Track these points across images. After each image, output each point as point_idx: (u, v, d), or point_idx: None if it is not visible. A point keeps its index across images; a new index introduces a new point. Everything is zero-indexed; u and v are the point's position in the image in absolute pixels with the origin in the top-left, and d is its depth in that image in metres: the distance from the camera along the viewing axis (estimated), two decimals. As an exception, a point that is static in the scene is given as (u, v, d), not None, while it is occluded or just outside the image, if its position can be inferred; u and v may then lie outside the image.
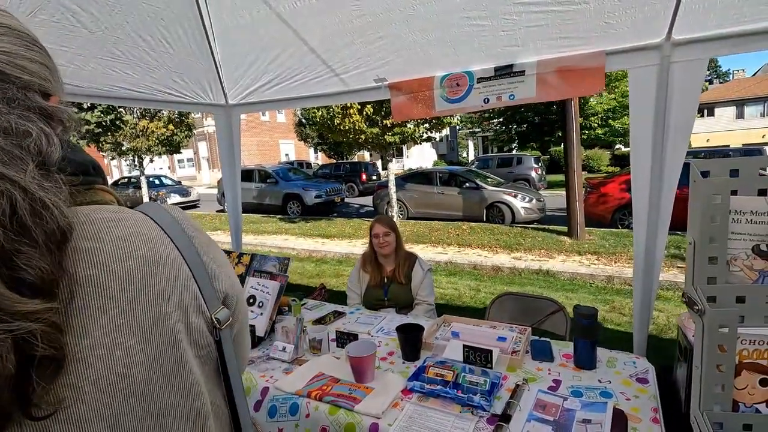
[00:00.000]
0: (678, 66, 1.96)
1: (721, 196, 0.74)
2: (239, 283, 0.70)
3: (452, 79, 2.49)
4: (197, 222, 0.64)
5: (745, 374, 0.77)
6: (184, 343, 0.52)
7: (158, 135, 12.70)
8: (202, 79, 2.96)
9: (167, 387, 0.50)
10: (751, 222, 0.77)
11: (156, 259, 0.51)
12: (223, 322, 0.57)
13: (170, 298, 0.51)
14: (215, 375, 0.59)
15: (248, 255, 2.07)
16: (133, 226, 0.52)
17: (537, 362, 1.59)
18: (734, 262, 0.80)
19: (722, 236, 0.76)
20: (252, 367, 1.64)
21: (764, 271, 0.79)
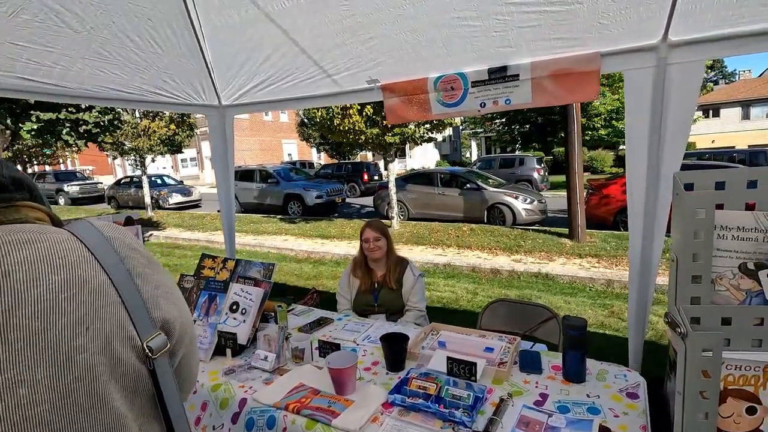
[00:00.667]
0: (675, 68, 1.90)
1: (705, 210, 0.69)
2: (185, 306, 0.65)
3: (446, 81, 2.44)
4: (137, 241, 0.59)
5: (731, 401, 0.72)
6: (104, 377, 0.48)
7: (160, 135, 12.73)
8: (194, 80, 2.92)
9: (82, 425, 0.46)
10: (737, 238, 0.72)
11: (74, 283, 0.47)
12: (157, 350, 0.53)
13: (90, 327, 0.47)
14: (150, 407, 0.55)
15: (233, 260, 2.03)
16: (49, 248, 0.47)
17: (525, 374, 1.54)
18: (720, 281, 0.74)
19: (707, 253, 0.71)
20: (232, 377, 1.60)
21: (751, 291, 0.73)
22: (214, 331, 1.77)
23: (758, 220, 0.70)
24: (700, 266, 0.72)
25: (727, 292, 0.75)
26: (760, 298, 0.73)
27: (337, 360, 1.45)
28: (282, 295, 3.97)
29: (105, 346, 0.48)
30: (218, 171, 3.54)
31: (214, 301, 1.86)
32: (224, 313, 1.82)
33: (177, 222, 11.63)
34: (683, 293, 0.73)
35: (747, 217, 0.71)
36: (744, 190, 0.72)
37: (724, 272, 0.74)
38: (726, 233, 0.72)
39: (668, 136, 1.97)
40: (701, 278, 0.73)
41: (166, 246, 8.91)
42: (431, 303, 4.63)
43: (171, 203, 15.31)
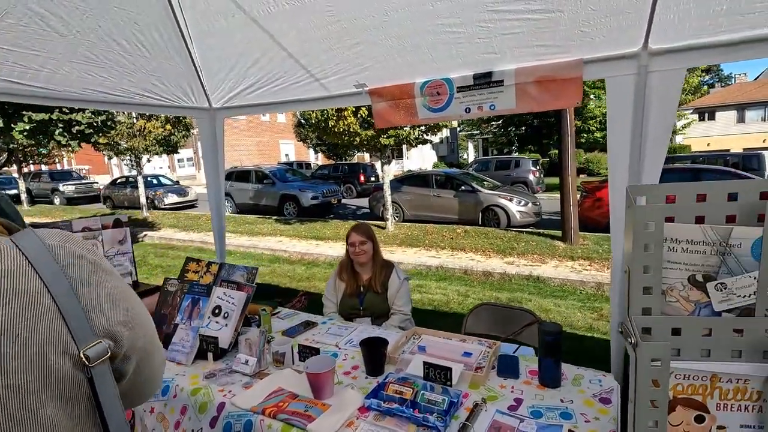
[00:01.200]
0: (655, 75, 1.93)
1: (655, 222, 0.71)
2: (141, 311, 0.66)
3: (432, 86, 2.46)
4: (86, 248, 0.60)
5: (680, 410, 0.74)
6: (35, 385, 0.48)
7: (155, 135, 12.71)
8: (183, 83, 2.93)
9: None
10: (686, 251, 0.74)
11: (3, 293, 0.48)
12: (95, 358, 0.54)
13: (19, 335, 0.48)
14: (88, 414, 0.55)
15: (217, 264, 2.04)
16: None
17: (502, 379, 1.55)
18: (670, 292, 0.76)
19: (657, 265, 0.72)
20: (212, 381, 1.61)
21: (700, 302, 0.75)
22: (196, 334, 1.78)
23: (705, 233, 0.72)
24: (650, 278, 0.74)
25: (677, 303, 0.76)
26: (708, 309, 0.75)
27: (315, 364, 1.46)
28: (272, 297, 3.98)
29: (36, 355, 0.49)
30: (209, 173, 3.54)
31: (197, 305, 1.87)
32: (207, 317, 1.83)
33: (172, 222, 11.61)
34: (635, 304, 0.74)
35: (695, 230, 0.72)
36: (693, 203, 0.74)
37: (674, 284, 0.76)
38: (676, 246, 0.74)
39: (649, 143, 2.00)
40: (652, 290, 0.74)
41: (160, 247, 8.90)
42: (422, 306, 4.65)
43: (167, 203, 15.28)
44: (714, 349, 0.73)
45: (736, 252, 0.71)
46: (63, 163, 29.83)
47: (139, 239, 9.71)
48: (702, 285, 0.74)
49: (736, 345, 0.72)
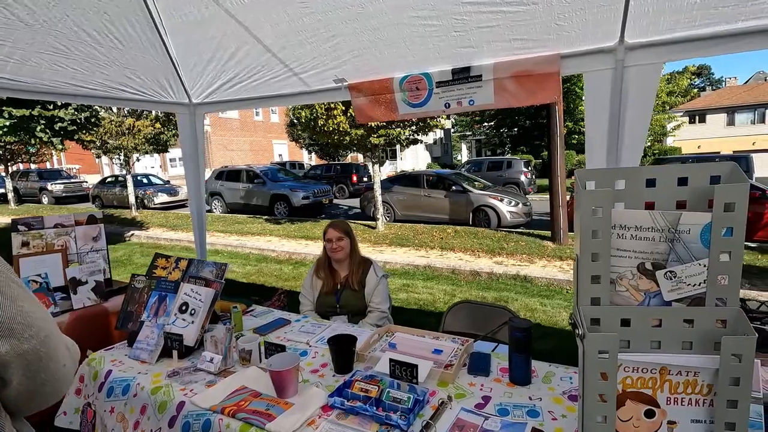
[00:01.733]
0: (632, 70, 1.91)
1: (602, 208, 0.68)
2: (26, 319, 0.63)
3: (411, 81, 2.43)
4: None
5: (630, 404, 0.70)
6: None
7: (145, 133, 12.59)
8: (160, 77, 2.88)
9: None
10: (635, 238, 0.70)
11: None
12: None
13: None
14: None
15: (185, 260, 1.98)
16: None
17: (472, 376, 1.52)
18: (620, 281, 0.73)
19: (605, 253, 0.69)
20: (175, 380, 1.56)
21: (650, 291, 0.72)
22: (161, 332, 1.73)
23: (654, 219, 0.69)
24: (599, 266, 0.70)
25: (627, 292, 0.73)
26: (658, 299, 0.72)
27: (278, 362, 1.42)
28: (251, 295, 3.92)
29: None
30: (188, 170, 3.48)
31: (164, 302, 1.82)
32: (173, 314, 1.78)
33: (161, 222, 11.49)
34: (584, 294, 0.71)
35: (644, 216, 0.69)
36: (643, 188, 0.70)
37: (623, 272, 0.72)
38: (625, 233, 0.70)
39: (626, 138, 1.98)
40: (600, 278, 0.71)
41: (146, 246, 8.79)
42: (407, 305, 4.61)
43: (156, 203, 15.13)
44: (664, 340, 0.70)
45: (685, 239, 0.68)
46: (53, 162, 29.48)
47: (126, 238, 9.59)
48: (651, 273, 0.71)
49: (687, 336, 0.68)
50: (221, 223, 11.00)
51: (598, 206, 0.68)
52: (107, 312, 2.37)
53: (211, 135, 28.25)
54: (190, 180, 3.52)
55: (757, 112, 29.13)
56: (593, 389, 0.67)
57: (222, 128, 29.00)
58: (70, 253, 2.62)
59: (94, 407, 1.68)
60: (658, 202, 0.70)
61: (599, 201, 0.68)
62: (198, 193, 3.55)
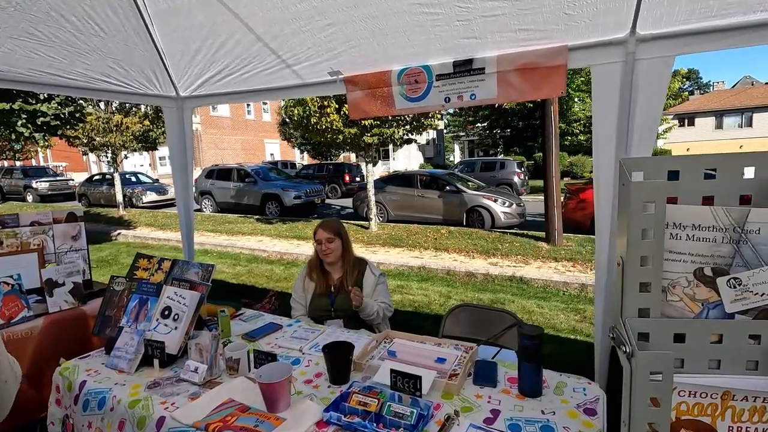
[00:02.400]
0: (643, 63, 1.82)
1: (655, 204, 0.57)
2: None
3: (410, 74, 2.32)
4: None
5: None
6: None
7: (133, 131, 12.32)
8: (146, 68, 2.74)
9: None
10: (692, 239, 0.60)
11: None
12: None
13: None
14: None
15: (169, 261, 1.85)
16: None
17: (478, 387, 1.41)
18: (672, 289, 0.63)
19: (657, 256, 0.59)
20: (155, 392, 1.43)
21: (708, 302, 0.62)
22: (141, 338, 1.59)
23: (716, 216, 0.59)
24: (649, 271, 0.60)
25: (680, 302, 0.63)
26: (718, 310, 0.62)
27: (269, 373, 1.30)
28: (241, 297, 3.78)
29: None
30: (175, 168, 3.34)
31: (144, 306, 1.69)
32: (155, 319, 1.65)
33: (149, 221, 11.25)
34: (630, 304, 0.60)
35: (703, 213, 0.59)
36: (701, 180, 0.60)
37: (677, 279, 0.62)
38: (680, 232, 0.60)
39: (635, 135, 1.89)
40: (650, 286, 0.60)
41: (133, 246, 8.57)
42: (402, 307, 4.50)
43: (145, 202, 14.84)
44: (725, 359, 0.60)
45: (754, 240, 0.58)
46: (38, 160, 28.90)
47: (112, 238, 9.35)
48: (711, 280, 0.61)
49: (753, 354, 0.59)
50: (211, 222, 10.80)
51: (650, 200, 0.58)
52: (86, 316, 2.22)
53: (202, 133, 27.90)
54: (177, 178, 3.38)
55: (744, 115, 29.56)
56: (642, 417, 0.56)
57: (213, 127, 28.64)
58: (47, 253, 2.47)
59: (72, 420, 1.55)
60: (718, 197, 0.60)
61: (651, 194, 0.57)
62: (186, 191, 3.41)
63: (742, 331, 0.59)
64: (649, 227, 0.59)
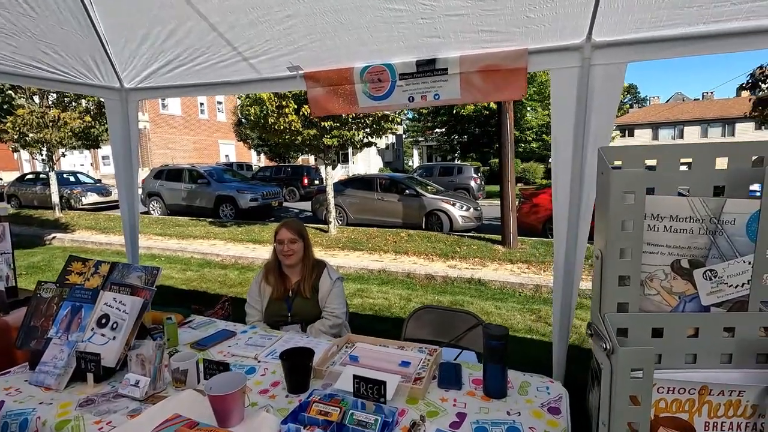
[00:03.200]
0: (598, 69, 1.88)
1: (635, 194, 0.56)
2: None
3: (373, 72, 2.28)
4: None
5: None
6: None
7: (72, 127, 11.43)
8: (84, 55, 2.51)
9: None
10: (670, 230, 0.60)
11: None
12: None
13: None
14: None
15: (107, 264, 1.68)
16: None
17: (443, 391, 1.37)
18: (650, 283, 0.62)
19: (636, 248, 0.57)
20: (88, 410, 1.28)
21: (685, 294, 0.61)
22: (72, 351, 1.42)
23: (694, 207, 0.58)
24: (628, 264, 0.58)
25: (657, 296, 0.62)
26: (694, 303, 0.61)
27: (220, 384, 1.19)
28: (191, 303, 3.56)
29: None
30: (119, 166, 3.09)
31: (78, 314, 1.52)
32: (89, 329, 1.48)
33: (90, 224, 10.46)
34: (609, 298, 0.58)
35: (681, 204, 0.58)
36: (677, 171, 0.59)
37: (654, 272, 0.61)
38: (657, 224, 0.59)
39: (591, 139, 1.95)
40: (629, 279, 0.59)
41: (70, 250, 7.91)
42: (362, 310, 4.43)
43: (85, 203, 13.80)
44: (701, 353, 0.59)
45: (729, 230, 0.58)
46: (-39, 157, 26.24)
47: (46, 242, 8.59)
48: (688, 273, 0.60)
49: (727, 347, 0.58)
50: (159, 225, 10.21)
51: (630, 191, 0.56)
52: (8, 327, 1.98)
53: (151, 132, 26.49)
54: (120, 177, 3.13)
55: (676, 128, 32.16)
56: (622, 417, 0.54)
57: (163, 125, 27.27)
58: (-38, 258, 2.19)
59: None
60: (693, 188, 0.60)
61: (632, 184, 0.55)
62: (130, 191, 3.17)
63: (718, 324, 0.59)
64: (628, 218, 0.57)
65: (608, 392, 0.55)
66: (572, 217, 2.01)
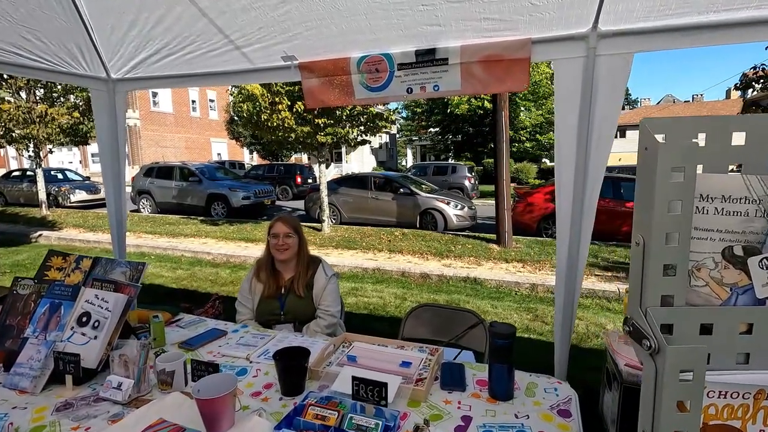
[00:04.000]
0: (604, 59, 1.82)
1: (684, 171, 0.49)
2: None
3: (370, 62, 2.20)
4: None
5: (711, 443, 0.53)
6: None
7: (60, 123, 11.19)
8: (69, 42, 2.40)
9: None
10: (721, 212, 0.53)
11: None
12: None
13: None
14: None
15: (89, 259, 1.58)
16: None
17: (447, 392, 1.30)
18: (697, 273, 0.55)
19: (685, 233, 0.50)
20: (66, 415, 1.19)
21: (737, 286, 0.55)
22: (49, 351, 1.33)
23: (750, 186, 0.52)
24: (675, 251, 0.51)
25: (706, 287, 0.55)
26: (748, 296, 0.55)
27: (209, 387, 1.10)
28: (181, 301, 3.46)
29: None
30: (105, 160, 2.97)
31: (57, 312, 1.42)
32: (69, 328, 1.39)
33: (77, 222, 10.25)
34: (652, 290, 0.51)
35: (735, 183, 0.52)
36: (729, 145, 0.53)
37: (703, 261, 0.55)
38: (707, 205, 0.53)
39: (595, 133, 1.89)
40: (676, 268, 0.52)
41: (57, 248, 7.72)
42: (357, 309, 4.35)
43: (73, 201, 13.54)
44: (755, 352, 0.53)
45: (791, 213, 0.52)
46: (-54, 154, 25.74)
47: (32, 240, 8.39)
48: (741, 261, 0.54)
49: (784, 346, 0.52)
50: (150, 223, 10.03)
51: (678, 167, 0.49)
52: (-16, 326, 1.87)
53: (141, 129, 26.14)
54: (107, 172, 3.02)
55: (667, 130, 32.49)
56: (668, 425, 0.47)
57: (154, 123, 26.93)
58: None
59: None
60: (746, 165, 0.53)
61: (682, 158, 0.48)
62: (117, 187, 3.06)
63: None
64: (676, 198, 0.51)
65: (651, 397, 0.48)
66: (575, 214, 1.95)
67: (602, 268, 6.00)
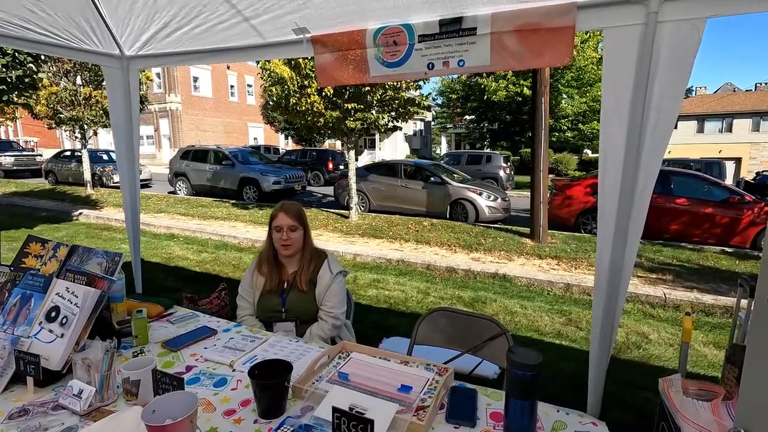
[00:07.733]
0: (667, 27, 1.49)
1: None
2: None
3: (388, 34, 1.95)
4: None
5: None
6: None
7: (104, 105, 11.58)
8: (76, 15, 2.30)
9: None
10: None
11: None
12: None
13: None
14: None
15: (66, 246, 1.46)
16: None
17: (452, 426, 1.08)
18: None
19: None
20: (18, 423, 1.06)
21: None
22: (14, 347, 1.21)
23: None
24: None
25: None
26: None
27: (164, 408, 0.93)
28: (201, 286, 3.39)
29: None
30: (119, 139, 2.90)
31: (27, 304, 1.30)
32: (37, 323, 1.26)
33: (117, 201, 10.63)
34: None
35: None
36: None
37: None
38: None
39: (652, 116, 1.57)
40: None
41: (94, 227, 8.01)
42: (376, 303, 4.17)
43: (115, 181, 14.11)
44: None
45: None
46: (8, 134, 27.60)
47: (74, 218, 8.76)
48: None
49: None
50: (184, 205, 10.26)
51: None
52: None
53: (182, 113, 26.97)
54: (121, 152, 2.95)
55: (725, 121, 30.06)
56: None
57: (194, 107, 27.74)
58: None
59: None
60: None
61: None
62: (131, 167, 2.99)
63: None
64: None
65: None
66: (622, 209, 1.64)
67: (646, 269, 5.52)
